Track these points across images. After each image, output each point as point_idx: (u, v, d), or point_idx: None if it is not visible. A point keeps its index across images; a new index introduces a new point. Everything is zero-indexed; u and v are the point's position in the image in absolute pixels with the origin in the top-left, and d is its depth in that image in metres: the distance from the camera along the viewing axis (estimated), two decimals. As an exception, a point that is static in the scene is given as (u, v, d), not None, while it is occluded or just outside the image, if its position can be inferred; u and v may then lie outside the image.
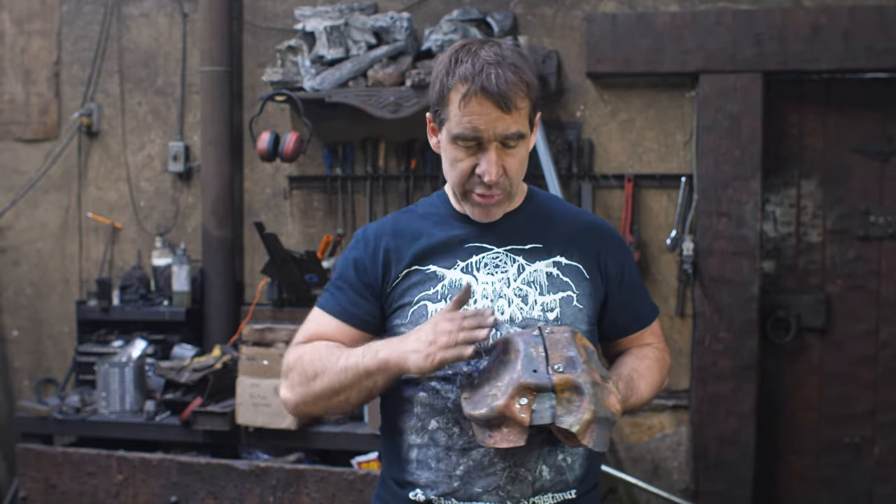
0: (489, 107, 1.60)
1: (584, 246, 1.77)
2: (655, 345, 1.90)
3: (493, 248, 1.73)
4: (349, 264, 1.77)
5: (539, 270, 1.72)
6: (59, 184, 4.26)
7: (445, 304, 1.68)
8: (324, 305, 1.78)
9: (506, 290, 1.70)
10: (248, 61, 4.06)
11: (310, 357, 1.68)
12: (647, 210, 3.72)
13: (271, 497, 3.11)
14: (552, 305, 1.70)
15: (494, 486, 1.64)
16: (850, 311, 3.70)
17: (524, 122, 1.66)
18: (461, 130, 1.63)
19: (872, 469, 3.72)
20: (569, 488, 1.69)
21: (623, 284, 1.81)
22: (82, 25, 4.22)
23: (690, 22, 3.57)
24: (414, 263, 1.73)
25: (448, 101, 1.64)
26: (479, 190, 1.67)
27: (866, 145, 3.66)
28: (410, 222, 1.79)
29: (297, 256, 3.66)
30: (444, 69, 1.65)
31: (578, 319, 1.71)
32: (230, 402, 3.35)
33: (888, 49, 3.44)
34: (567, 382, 1.50)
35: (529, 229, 1.76)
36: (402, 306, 1.72)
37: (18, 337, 4.34)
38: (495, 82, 1.59)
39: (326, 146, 3.94)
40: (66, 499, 3.27)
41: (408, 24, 3.67)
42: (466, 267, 1.71)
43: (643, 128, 3.73)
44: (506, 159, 1.65)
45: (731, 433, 3.59)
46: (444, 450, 1.66)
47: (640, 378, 1.77)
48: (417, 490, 1.70)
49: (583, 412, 1.49)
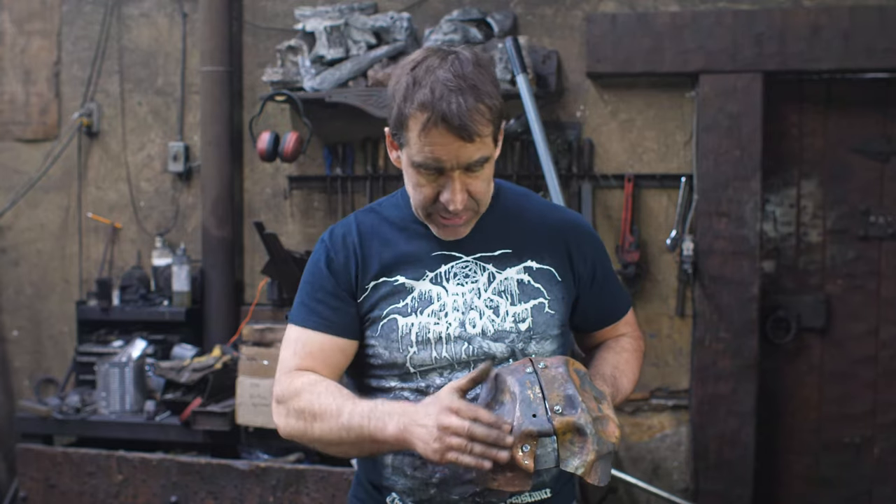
0: (450, 138, 1.52)
1: (555, 247, 1.73)
2: (630, 333, 1.88)
3: (462, 256, 1.68)
4: (322, 272, 1.68)
5: (510, 278, 1.68)
6: (59, 184, 4.26)
7: (416, 317, 1.63)
8: (304, 322, 1.68)
9: (476, 301, 1.66)
10: (248, 61, 4.06)
11: (308, 397, 1.60)
12: (647, 210, 3.72)
13: (271, 497, 3.11)
14: (524, 315, 1.67)
15: (471, 493, 1.63)
16: (850, 311, 3.70)
17: (488, 146, 1.57)
18: (422, 159, 1.55)
19: (872, 469, 3.72)
20: (544, 487, 1.68)
21: (595, 281, 1.78)
22: (82, 25, 4.22)
23: (690, 22, 3.57)
24: (381, 275, 1.66)
25: (407, 127, 1.55)
26: (444, 215, 1.61)
27: (866, 145, 3.66)
28: (375, 227, 1.71)
29: (297, 256, 3.66)
30: (403, 93, 1.56)
31: (550, 325, 1.69)
32: (230, 402, 3.35)
33: (888, 49, 3.44)
34: (568, 425, 1.46)
35: (498, 233, 1.70)
36: (372, 321, 1.66)
37: (18, 337, 4.34)
38: (456, 112, 1.50)
39: (326, 146, 3.94)
40: (66, 499, 3.27)
41: (408, 24, 3.67)
42: (435, 277, 1.66)
43: (643, 128, 3.73)
44: (470, 182, 1.58)
45: (731, 433, 3.59)
46: (419, 458, 1.61)
47: (622, 375, 1.75)
48: (394, 495, 1.68)
49: (586, 454, 1.46)
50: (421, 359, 1.64)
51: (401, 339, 1.64)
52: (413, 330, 1.64)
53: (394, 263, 1.67)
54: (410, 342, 1.64)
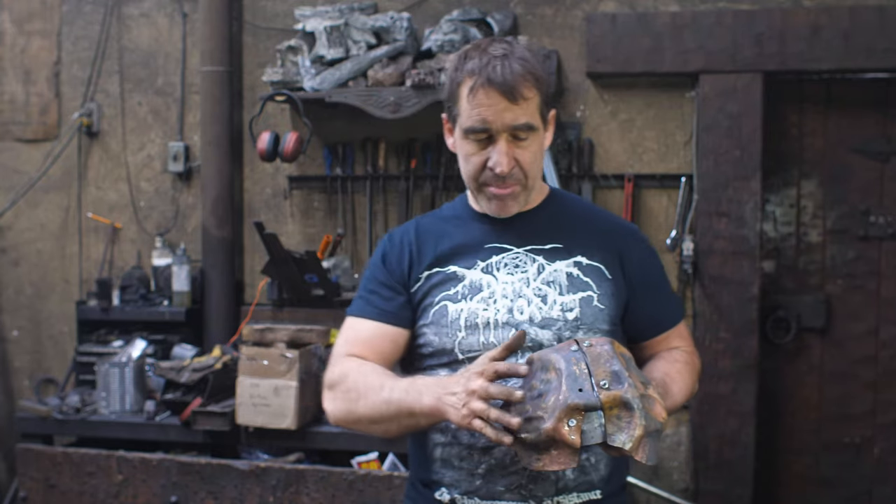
0: (496, 97, 1.62)
1: (606, 247, 1.77)
2: (684, 348, 1.86)
3: (512, 248, 1.74)
4: (378, 267, 1.79)
5: (559, 270, 1.73)
6: (59, 184, 4.26)
7: (465, 303, 1.70)
8: (358, 311, 1.78)
9: (525, 289, 1.71)
10: (248, 61, 4.06)
11: (354, 378, 1.68)
12: (647, 210, 3.72)
13: (271, 497, 3.11)
14: (571, 305, 1.70)
15: (516, 485, 1.65)
16: (850, 311, 3.70)
17: (534, 114, 1.66)
18: (471, 123, 1.65)
19: (872, 469, 3.72)
20: (593, 488, 1.69)
21: (646, 285, 1.79)
22: (82, 25, 4.22)
23: (690, 22, 3.57)
24: (435, 265, 1.75)
25: (458, 96, 1.68)
26: (493, 183, 1.69)
27: (866, 145, 3.66)
28: (432, 225, 1.82)
29: (297, 256, 3.66)
30: (454, 66, 1.69)
31: (598, 319, 1.71)
32: (230, 402, 3.35)
33: (888, 49, 3.44)
34: (615, 399, 1.45)
35: (549, 229, 1.77)
36: (424, 308, 1.74)
37: (18, 337, 4.34)
38: (500, 73, 1.62)
39: (326, 146, 3.94)
40: (66, 499, 3.27)
41: (408, 24, 3.67)
42: (486, 267, 1.73)
43: (643, 128, 3.73)
44: (517, 152, 1.67)
45: (731, 433, 3.59)
46: (466, 448, 1.67)
47: (672, 382, 1.74)
48: (442, 489, 1.71)
49: (634, 428, 1.45)
50: (469, 344, 1.69)
51: (450, 325, 1.70)
52: (462, 315, 1.70)
53: (449, 254, 1.75)
54: (459, 327, 1.70)
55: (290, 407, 3.23)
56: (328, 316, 3.78)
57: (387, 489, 3.02)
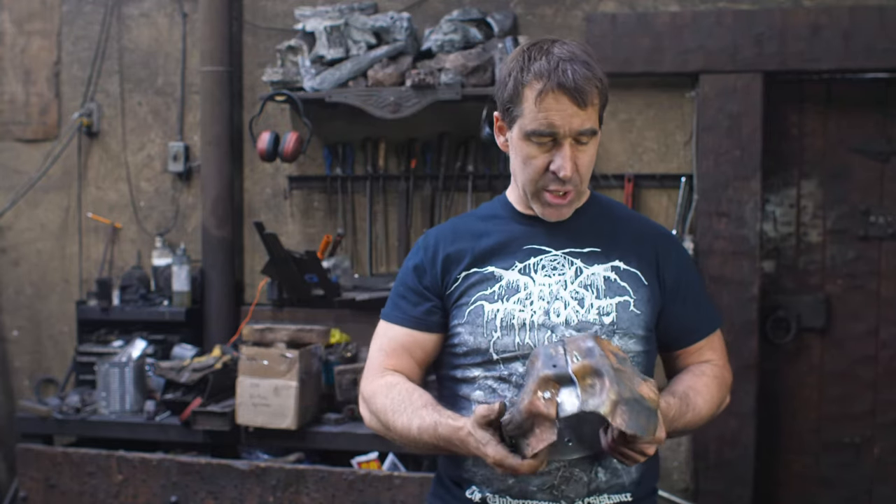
0: (565, 102, 1.61)
1: (643, 252, 1.76)
2: (715, 361, 1.84)
3: (551, 250, 1.74)
4: (409, 271, 1.80)
5: (597, 274, 1.72)
6: (59, 184, 4.26)
7: (502, 304, 1.70)
8: (389, 316, 1.81)
9: (562, 292, 1.70)
10: (248, 61, 4.06)
11: (382, 401, 1.72)
12: (647, 210, 3.72)
13: (271, 497, 3.11)
14: (608, 309, 1.69)
15: (549, 486, 1.66)
16: (850, 311, 3.70)
17: (596, 119, 1.67)
18: (537, 126, 1.63)
19: (872, 469, 3.72)
20: (624, 491, 1.70)
21: (679, 291, 1.78)
22: (82, 25, 4.22)
23: (690, 22, 3.57)
24: (473, 265, 1.75)
25: (522, 97, 1.65)
26: (553, 187, 1.68)
27: (866, 145, 3.66)
28: (470, 225, 1.81)
29: (297, 256, 3.66)
30: (518, 66, 1.66)
31: (635, 325, 1.70)
32: (230, 402, 3.35)
33: (888, 49, 3.44)
34: (586, 368, 1.48)
35: (589, 233, 1.76)
36: (460, 306, 1.74)
37: (18, 337, 4.34)
38: (572, 78, 1.60)
39: (326, 146, 3.94)
40: (66, 499, 3.27)
41: (408, 24, 3.67)
42: (524, 268, 1.73)
43: (643, 128, 3.73)
44: (578, 156, 1.66)
45: (731, 433, 3.59)
46: None
47: (696, 394, 1.73)
48: (473, 487, 1.72)
49: (605, 392, 1.46)
50: (504, 344, 1.69)
51: (486, 325, 1.70)
52: (498, 315, 1.70)
53: (487, 254, 1.75)
54: (495, 327, 1.69)
55: (290, 407, 3.23)
56: (328, 316, 3.78)
57: (387, 489, 3.02)
